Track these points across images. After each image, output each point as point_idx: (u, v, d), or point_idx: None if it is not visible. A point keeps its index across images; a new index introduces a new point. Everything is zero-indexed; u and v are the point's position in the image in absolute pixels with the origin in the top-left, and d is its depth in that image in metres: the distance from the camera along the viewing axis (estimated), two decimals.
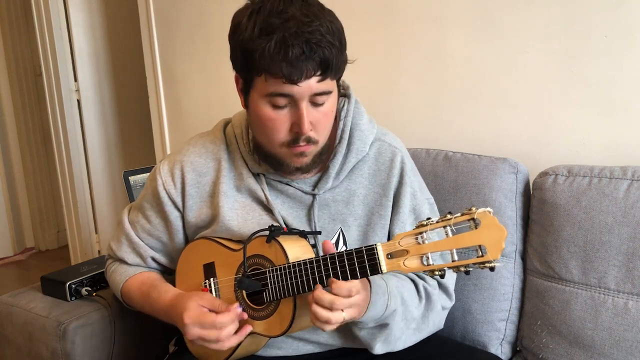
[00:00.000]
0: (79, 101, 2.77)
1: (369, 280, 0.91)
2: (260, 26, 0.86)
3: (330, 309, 0.84)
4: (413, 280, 1.03)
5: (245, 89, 0.96)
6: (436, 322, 1.06)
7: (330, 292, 0.84)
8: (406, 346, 1.00)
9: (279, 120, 0.92)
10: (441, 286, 1.07)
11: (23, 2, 3.46)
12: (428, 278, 1.04)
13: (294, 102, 0.90)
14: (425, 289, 1.03)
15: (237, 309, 0.93)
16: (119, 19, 2.86)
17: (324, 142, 0.98)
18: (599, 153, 1.29)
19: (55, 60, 2.66)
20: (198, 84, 2.16)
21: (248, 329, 0.93)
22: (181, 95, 2.25)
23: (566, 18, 1.29)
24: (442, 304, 1.07)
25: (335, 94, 0.95)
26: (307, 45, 0.84)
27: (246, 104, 0.98)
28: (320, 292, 0.84)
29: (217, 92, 2.10)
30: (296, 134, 0.92)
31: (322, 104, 0.92)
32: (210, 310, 0.94)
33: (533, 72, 1.36)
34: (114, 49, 2.88)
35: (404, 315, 0.97)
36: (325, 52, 0.86)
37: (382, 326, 0.95)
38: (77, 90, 2.75)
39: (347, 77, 1.07)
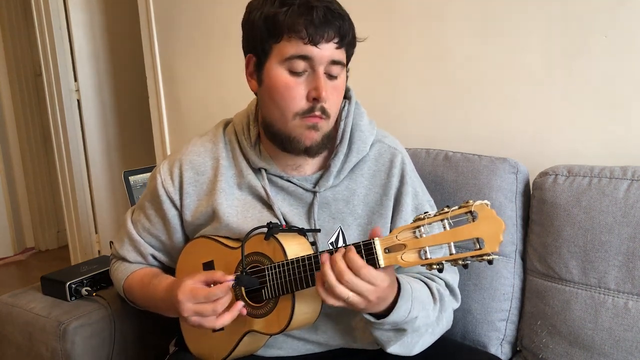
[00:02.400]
0: (79, 101, 2.77)
1: (398, 282, 0.89)
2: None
3: (338, 278, 0.82)
4: (426, 284, 1.02)
5: (259, 64, 0.97)
6: (448, 322, 1.06)
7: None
8: (422, 349, 0.99)
9: (296, 88, 0.93)
10: (448, 288, 1.06)
11: (23, 2, 3.46)
12: (437, 279, 1.04)
13: (312, 68, 0.92)
14: (439, 291, 1.02)
15: (229, 281, 0.91)
16: (119, 19, 2.86)
17: (332, 123, 1.00)
18: (599, 153, 1.29)
19: (55, 60, 2.66)
20: (198, 84, 2.16)
21: (239, 304, 0.92)
22: (181, 95, 2.25)
23: (566, 18, 1.29)
24: (452, 306, 1.07)
25: (345, 72, 0.98)
26: (329, 10, 0.90)
27: (259, 80, 0.98)
28: (338, 257, 0.83)
29: (217, 92, 2.10)
30: (314, 100, 0.93)
31: (336, 77, 0.95)
32: (206, 283, 0.93)
33: (533, 72, 1.36)
34: (114, 49, 2.88)
35: (424, 320, 0.96)
36: (344, 21, 0.92)
37: (399, 330, 0.94)
38: (77, 90, 2.75)
39: (348, 76, 1.07)
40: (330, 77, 0.94)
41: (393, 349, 0.96)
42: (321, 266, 0.84)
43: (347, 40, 0.94)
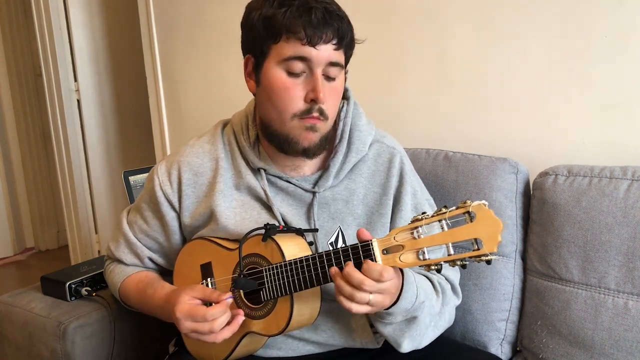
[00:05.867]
0: (79, 101, 2.77)
1: (401, 270, 0.90)
2: (281, 0, 0.91)
3: (358, 288, 0.82)
4: (427, 276, 1.03)
5: (257, 64, 0.97)
6: (451, 317, 1.06)
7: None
8: (428, 343, 1.00)
9: (294, 89, 0.93)
10: (449, 282, 1.07)
11: (23, 2, 3.46)
12: (439, 275, 1.04)
13: (309, 69, 0.92)
14: (440, 284, 1.03)
15: (227, 299, 0.92)
16: (119, 19, 2.86)
17: (331, 124, 1.00)
18: (599, 153, 1.29)
19: (55, 60, 2.66)
20: (198, 84, 2.16)
21: (240, 318, 0.92)
22: (181, 95, 2.25)
23: (566, 18, 1.29)
24: (453, 302, 1.07)
25: (343, 74, 0.98)
26: (327, 12, 0.90)
27: (257, 81, 0.98)
28: (351, 269, 0.82)
29: (217, 92, 2.10)
30: (312, 102, 0.94)
31: (334, 79, 0.95)
32: (203, 300, 0.94)
33: (533, 72, 1.36)
34: (114, 49, 2.88)
35: (429, 310, 0.96)
36: (342, 22, 0.92)
37: (410, 320, 0.95)
38: (77, 90, 2.75)
39: (348, 76, 1.07)
40: (329, 78, 0.94)
41: (406, 345, 0.96)
42: (334, 279, 0.84)
43: (346, 41, 0.94)
